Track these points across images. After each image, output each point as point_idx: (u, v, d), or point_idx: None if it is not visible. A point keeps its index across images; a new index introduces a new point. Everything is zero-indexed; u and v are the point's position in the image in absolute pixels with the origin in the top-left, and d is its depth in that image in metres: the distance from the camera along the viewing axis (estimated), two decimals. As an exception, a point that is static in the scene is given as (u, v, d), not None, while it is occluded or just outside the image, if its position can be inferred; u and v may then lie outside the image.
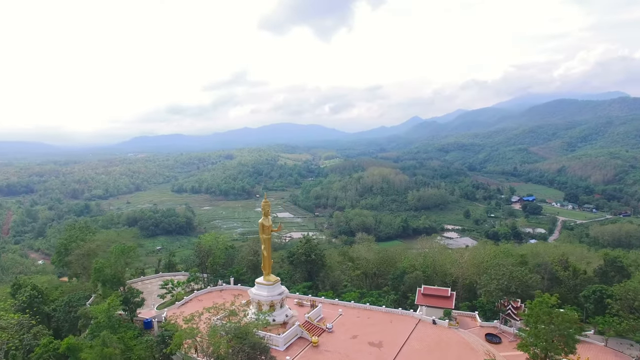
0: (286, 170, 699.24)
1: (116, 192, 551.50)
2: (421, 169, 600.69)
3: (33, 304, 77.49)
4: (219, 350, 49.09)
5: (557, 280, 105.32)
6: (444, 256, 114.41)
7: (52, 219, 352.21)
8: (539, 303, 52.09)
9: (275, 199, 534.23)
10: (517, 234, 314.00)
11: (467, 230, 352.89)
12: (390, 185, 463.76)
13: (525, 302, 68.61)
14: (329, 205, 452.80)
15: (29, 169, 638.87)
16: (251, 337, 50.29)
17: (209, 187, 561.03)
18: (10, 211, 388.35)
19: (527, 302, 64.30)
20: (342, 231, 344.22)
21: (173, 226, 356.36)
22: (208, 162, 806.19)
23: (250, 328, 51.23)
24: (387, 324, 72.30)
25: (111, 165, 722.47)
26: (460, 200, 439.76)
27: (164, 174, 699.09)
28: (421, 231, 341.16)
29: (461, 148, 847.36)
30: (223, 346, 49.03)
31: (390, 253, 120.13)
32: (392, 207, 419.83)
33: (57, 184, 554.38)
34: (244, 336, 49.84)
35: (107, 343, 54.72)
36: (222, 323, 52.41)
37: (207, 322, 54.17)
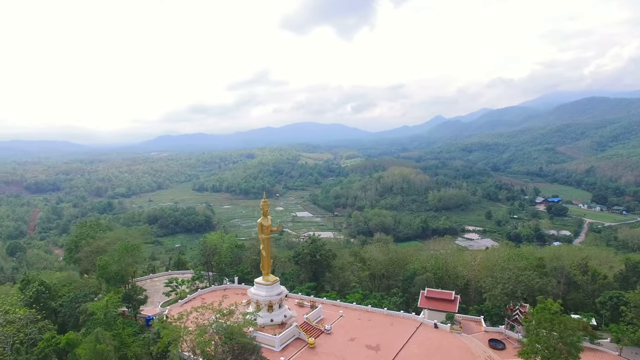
0: (307, 169, 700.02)
1: (139, 191, 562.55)
2: (443, 169, 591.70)
3: (40, 299, 78.67)
4: (204, 349, 48.39)
5: (574, 285, 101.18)
6: (456, 258, 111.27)
7: (76, 216, 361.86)
8: (540, 309, 49.36)
9: (295, 198, 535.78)
10: (540, 236, 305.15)
11: (488, 231, 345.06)
12: (410, 185, 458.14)
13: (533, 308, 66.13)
14: (348, 204, 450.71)
15: (55, 168, 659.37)
16: (239, 337, 49.39)
17: (230, 186, 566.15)
18: (37, 208, 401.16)
19: (530, 308, 61.40)
20: (361, 231, 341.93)
21: (192, 224, 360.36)
22: (229, 161, 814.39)
23: (236, 328, 50.25)
24: (387, 326, 70.44)
25: (134, 164, 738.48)
26: (482, 201, 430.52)
27: (185, 173, 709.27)
28: (441, 232, 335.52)
29: (485, 148, 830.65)
30: (208, 345, 48.31)
31: (401, 254, 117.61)
32: (412, 207, 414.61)
33: (82, 182, 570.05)
34: (231, 336, 48.98)
35: (100, 339, 54.79)
36: (210, 322, 51.66)
37: (195, 321, 53.50)
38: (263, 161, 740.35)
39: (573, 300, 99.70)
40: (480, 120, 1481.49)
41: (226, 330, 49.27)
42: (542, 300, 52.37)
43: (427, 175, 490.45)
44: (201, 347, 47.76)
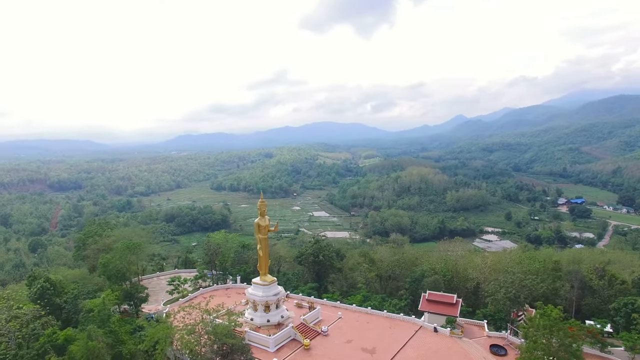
0: (324, 169, 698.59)
1: (157, 189, 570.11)
2: (463, 169, 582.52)
3: (44, 295, 79.72)
4: (192, 348, 47.81)
5: (590, 290, 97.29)
6: (466, 260, 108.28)
7: (96, 214, 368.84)
8: (540, 315, 46.92)
9: (312, 198, 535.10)
10: (562, 238, 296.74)
11: (507, 233, 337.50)
12: (428, 185, 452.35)
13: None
14: (365, 204, 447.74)
15: (78, 166, 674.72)
16: (225, 337, 48.61)
17: (247, 185, 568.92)
18: (59, 206, 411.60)
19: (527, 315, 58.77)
20: (377, 231, 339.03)
21: (209, 223, 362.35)
22: (248, 161, 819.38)
23: (220, 328, 49.47)
24: (385, 329, 68.74)
25: (154, 163, 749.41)
26: (502, 202, 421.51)
27: (204, 172, 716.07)
28: (459, 233, 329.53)
29: (506, 147, 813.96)
30: (194, 345, 47.68)
31: (411, 255, 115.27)
32: (430, 207, 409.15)
33: (103, 180, 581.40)
34: (218, 336, 48.25)
35: (92, 336, 54.92)
36: (196, 322, 51.03)
37: (182, 320, 52.97)
38: (281, 160, 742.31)
39: (588, 305, 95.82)
40: (502, 120, 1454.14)
41: (213, 330, 48.51)
42: (542, 305, 49.69)
43: (445, 175, 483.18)
44: (186, 347, 47.14)
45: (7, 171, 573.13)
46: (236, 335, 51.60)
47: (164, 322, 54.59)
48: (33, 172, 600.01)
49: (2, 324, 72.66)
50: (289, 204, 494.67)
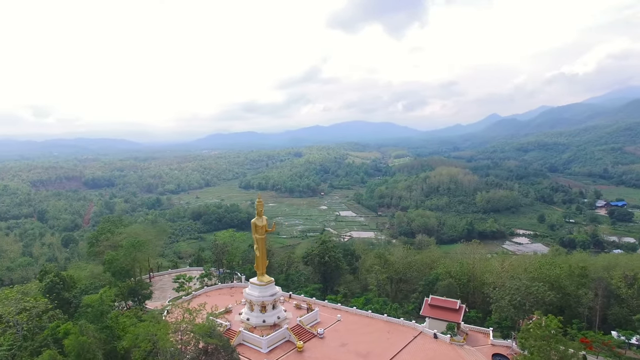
0: (353, 168, 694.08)
1: (187, 187, 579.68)
2: (495, 169, 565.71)
3: (54, 289, 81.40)
4: (167, 347, 46.94)
5: (618, 299, 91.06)
6: (484, 264, 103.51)
7: (127, 211, 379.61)
8: (536, 326, 43.19)
9: (340, 197, 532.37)
10: (598, 242, 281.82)
11: (539, 236, 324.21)
12: (458, 186, 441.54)
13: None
14: (392, 204, 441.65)
15: (111, 164, 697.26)
16: (205, 338, 47.53)
17: (275, 184, 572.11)
18: (92, 203, 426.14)
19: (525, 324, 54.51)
20: (403, 232, 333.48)
21: (235, 221, 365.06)
22: (277, 160, 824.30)
23: (198, 328, 48.37)
24: (383, 333, 66.24)
25: (185, 161, 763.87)
26: (535, 203, 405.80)
27: (233, 171, 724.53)
28: (487, 235, 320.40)
29: (542, 147, 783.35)
30: (170, 344, 46.78)
31: (426, 257, 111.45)
32: (459, 208, 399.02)
33: (135, 178, 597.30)
34: (198, 335, 47.24)
35: (84, 331, 55.13)
36: (177, 321, 50.18)
37: (163, 320, 52.30)
38: (310, 160, 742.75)
39: (615, 315, 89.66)
40: (539, 119, 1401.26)
41: (193, 330, 47.57)
42: (540, 315, 45.86)
43: (476, 176, 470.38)
44: (164, 346, 46.36)
45: (46, 169, 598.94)
46: (221, 335, 50.54)
47: (156, 319, 53.95)
48: (70, 170, 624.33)
49: (12, 315, 74.84)
50: (316, 204, 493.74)
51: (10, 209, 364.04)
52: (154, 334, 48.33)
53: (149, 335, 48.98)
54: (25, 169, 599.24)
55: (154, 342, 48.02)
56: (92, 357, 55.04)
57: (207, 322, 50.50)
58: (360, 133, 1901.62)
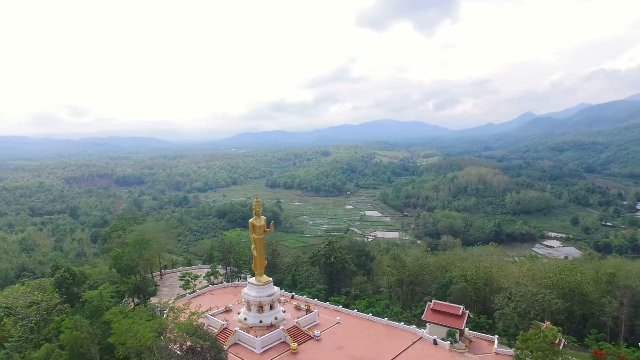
0: (380, 168, 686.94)
1: (215, 186, 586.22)
2: (527, 170, 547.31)
3: (64, 284, 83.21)
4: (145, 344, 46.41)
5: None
6: (502, 268, 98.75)
7: (155, 208, 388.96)
8: (532, 336, 39.90)
9: (366, 197, 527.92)
10: (638, 247, 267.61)
11: (573, 239, 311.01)
12: (487, 187, 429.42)
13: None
14: (419, 205, 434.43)
15: (142, 163, 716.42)
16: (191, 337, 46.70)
17: (301, 183, 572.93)
18: (121, 200, 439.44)
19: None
20: (428, 233, 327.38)
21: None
22: (304, 159, 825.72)
23: (177, 327, 47.54)
24: (382, 338, 63.97)
25: (213, 160, 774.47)
26: (569, 205, 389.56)
27: (260, 169, 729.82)
28: (516, 237, 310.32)
29: (580, 147, 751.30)
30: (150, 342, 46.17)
31: (438, 260, 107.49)
32: (488, 209, 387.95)
33: (164, 176, 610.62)
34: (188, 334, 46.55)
35: (78, 327, 55.61)
36: (162, 320, 49.59)
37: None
38: (337, 159, 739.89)
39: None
40: (577, 117, 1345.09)
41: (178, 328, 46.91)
42: (538, 325, 42.42)
43: (506, 176, 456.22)
44: (144, 342, 45.90)
45: (79, 167, 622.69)
46: (208, 335, 49.83)
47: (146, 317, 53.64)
48: (102, 168, 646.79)
49: (22, 308, 76.87)
50: (342, 203, 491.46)
51: (45, 205, 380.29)
52: (137, 332, 47.97)
53: (132, 332, 48.68)
54: (61, 166, 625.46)
55: (137, 340, 47.56)
56: (86, 351, 55.67)
57: (188, 321, 49.62)
58: (389, 132, 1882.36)
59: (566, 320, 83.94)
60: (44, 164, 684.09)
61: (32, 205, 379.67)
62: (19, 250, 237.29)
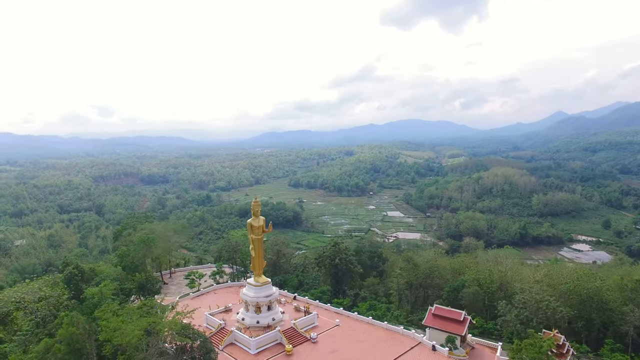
0: (404, 168, 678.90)
1: (237, 185, 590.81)
2: (557, 170, 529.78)
3: (72, 280, 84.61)
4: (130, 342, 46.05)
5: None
6: (515, 271, 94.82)
7: (177, 207, 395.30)
8: (528, 346, 37.28)
9: (389, 197, 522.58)
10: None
11: (603, 243, 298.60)
12: (513, 187, 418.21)
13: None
14: (442, 205, 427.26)
15: (167, 162, 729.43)
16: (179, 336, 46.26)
17: (324, 183, 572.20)
18: (145, 198, 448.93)
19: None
20: (450, 234, 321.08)
21: (280, 219, 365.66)
22: (328, 158, 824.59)
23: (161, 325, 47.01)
24: (379, 342, 62.19)
25: (236, 159, 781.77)
26: (600, 208, 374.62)
27: (284, 169, 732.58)
28: (542, 240, 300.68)
29: (614, 147, 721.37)
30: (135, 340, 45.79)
31: (451, 262, 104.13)
32: (513, 211, 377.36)
33: (188, 175, 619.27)
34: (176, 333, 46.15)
35: (74, 322, 55.99)
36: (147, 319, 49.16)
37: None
38: (360, 159, 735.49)
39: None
40: (612, 116, 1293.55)
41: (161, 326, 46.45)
42: (534, 334, 39.69)
43: (533, 177, 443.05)
44: (129, 342, 45.57)
45: (107, 165, 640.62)
46: (197, 334, 49.39)
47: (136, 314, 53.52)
48: (128, 166, 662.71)
49: (31, 303, 78.50)
50: (364, 203, 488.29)
51: (73, 203, 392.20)
52: (123, 329, 47.78)
53: (119, 330, 48.53)
54: (89, 165, 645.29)
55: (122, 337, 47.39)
56: (81, 347, 56.00)
57: (172, 321, 49.10)
58: (415, 132, 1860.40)
59: (584, 328, 79.81)
60: (73, 162, 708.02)
61: (60, 203, 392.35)
62: (46, 246, 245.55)
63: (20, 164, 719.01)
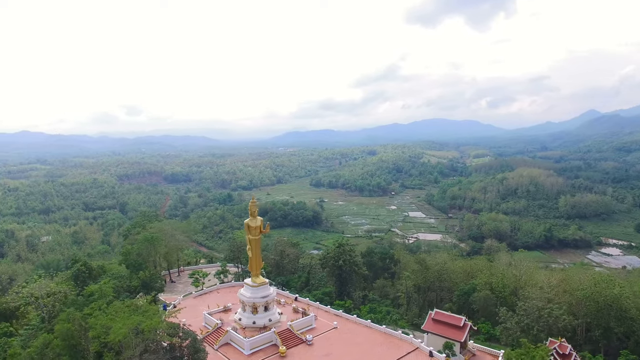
0: (427, 168, 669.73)
1: (259, 184, 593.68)
2: (587, 171, 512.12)
3: (79, 277, 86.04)
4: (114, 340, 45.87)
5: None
6: (529, 276, 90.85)
7: (199, 205, 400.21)
8: (519, 356, 34.89)
9: (411, 198, 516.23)
10: None
11: (635, 247, 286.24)
12: (538, 188, 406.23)
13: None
14: (464, 206, 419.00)
15: (190, 161, 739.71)
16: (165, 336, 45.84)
17: (345, 183, 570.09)
18: (168, 197, 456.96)
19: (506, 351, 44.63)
20: (472, 236, 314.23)
21: (300, 219, 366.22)
22: (350, 158, 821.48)
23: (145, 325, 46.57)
24: (376, 345, 60.75)
25: (259, 158, 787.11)
26: (633, 210, 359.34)
27: (305, 168, 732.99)
28: (569, 243, 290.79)
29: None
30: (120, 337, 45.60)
31: (464, 265, 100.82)
32: (539, 213, 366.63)
33: (210, 174, 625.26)
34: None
35: (70, 319, 56.44)
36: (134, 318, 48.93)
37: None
38: (383, 158, 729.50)
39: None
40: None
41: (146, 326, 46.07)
42: (527, 343, 37.17)
43: (560, 178, 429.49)
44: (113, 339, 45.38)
45: (131, 164, 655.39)
46: (188, 333, 49.03)
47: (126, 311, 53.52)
48: (152, 165, 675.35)
49: (41, 298, 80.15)
50: (385, 203, 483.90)
51: (97, 201, 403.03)
52: (109, 327, 47.71)
53: (105, 327, 48.48)
54: (114, 163, 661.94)
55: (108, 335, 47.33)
56: (77, 343, 56.45)
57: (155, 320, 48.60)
58: (440, 131, 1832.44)
59: (602, 337, 75.78)
60: (99, 161, 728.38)
61: (85, 200, 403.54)
62: (70, 243, 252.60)
63: (50, 162, 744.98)
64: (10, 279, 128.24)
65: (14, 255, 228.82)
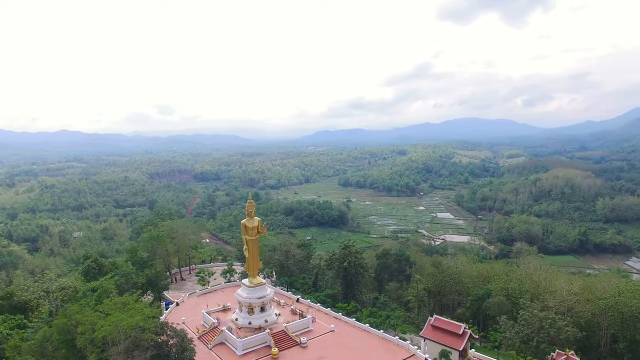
0: (458, 168, 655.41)
1: (287, 183, 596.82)
2: (630, 173, 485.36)
3: (89, 273, 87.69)
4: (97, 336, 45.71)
5: None
6: (549, 282, 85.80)
7: (226, 204, 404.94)
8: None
9: (440, 198, 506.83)
10: None
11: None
12: (574, 190, 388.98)
13: None
14: (495, 208, 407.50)
15: (220, 160, 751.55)
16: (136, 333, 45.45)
17: (373, 182, 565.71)
18: (196, 195, 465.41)
19: None
20: (501, 238, 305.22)
21: (326, 218, 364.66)
22: (379, 157, 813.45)
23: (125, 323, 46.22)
24: (371, 350, 59.18)
25: (287, 157, 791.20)
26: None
27: (334, 168, 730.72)
28: (606, 248, 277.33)
29: None
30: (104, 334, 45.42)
31: (480, 269, 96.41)
32: (574, 216, 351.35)
33: (239, 173, 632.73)
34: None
35: (66, 315, 57.12)
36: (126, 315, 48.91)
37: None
38: (413, 158, 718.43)
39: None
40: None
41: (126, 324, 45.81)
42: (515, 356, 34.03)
43: (599, 179, 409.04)
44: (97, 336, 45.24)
45: (162, 162, 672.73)
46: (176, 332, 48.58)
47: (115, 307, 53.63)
48: (182, 164, 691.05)
49: (53, 292, 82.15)
50: (413, 204, 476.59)
51: (128, 198, 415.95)
52: (94, 323, 47.74)
53: (91, 324, 48.55)
54: (146, 162, 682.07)
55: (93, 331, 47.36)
56: (72, 337, 57.12)
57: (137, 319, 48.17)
58: (473, 130, 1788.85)
59: (627, 350, 70.75)
60: (132, 159, 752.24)
61: (116, 198, 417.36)
62: (100, 238, 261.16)
63: (85, 160, 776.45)
64: (43, 272, 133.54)
65: (47, 250, 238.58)
